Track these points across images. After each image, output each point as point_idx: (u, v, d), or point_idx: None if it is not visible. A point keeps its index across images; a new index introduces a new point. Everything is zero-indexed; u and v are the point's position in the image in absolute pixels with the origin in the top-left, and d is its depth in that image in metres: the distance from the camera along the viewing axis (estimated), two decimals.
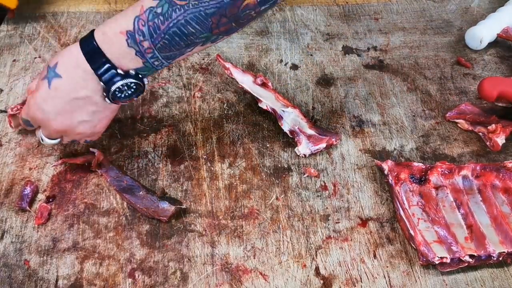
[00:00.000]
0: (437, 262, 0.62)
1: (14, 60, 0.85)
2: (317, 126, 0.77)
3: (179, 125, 0.77)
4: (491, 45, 0.92)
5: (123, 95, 0.61)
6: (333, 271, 0.63)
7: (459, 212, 0.67)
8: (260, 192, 0.70)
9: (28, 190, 0.68)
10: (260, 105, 0.78)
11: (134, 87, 0.61)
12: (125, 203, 0.68)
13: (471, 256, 0.63)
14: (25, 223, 0.66)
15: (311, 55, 0.89)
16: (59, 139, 0.66)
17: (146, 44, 0.57)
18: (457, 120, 0.80)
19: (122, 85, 0.59)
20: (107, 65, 0.58)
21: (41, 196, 0.68)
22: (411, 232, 0.64)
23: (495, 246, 0.63)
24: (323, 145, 0.74)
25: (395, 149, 0.76)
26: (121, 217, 0.67)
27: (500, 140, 0.75)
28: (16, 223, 0.66)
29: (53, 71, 0.59)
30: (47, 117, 0.62)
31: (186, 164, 0.73)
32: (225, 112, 0.79)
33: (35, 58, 0.85)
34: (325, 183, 0.72)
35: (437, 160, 0.74)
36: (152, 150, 0.74)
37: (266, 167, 0.73)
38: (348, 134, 0.78)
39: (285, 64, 0.88)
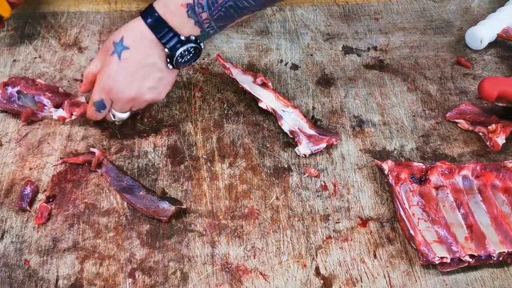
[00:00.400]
0: (437, 262, 0.62)
1: (14, 60, 0.85)
2: (317, 126, 0.77)
3: (179, 125, 0.77)
4: (491, 45, 0.92)
5: (183, 60, 0.67)
6: (333, 271, 0.63)
7: (459, 212, 0.67)
8: (260, 192, 0.70)
9: (28, 190, 0.68)
10: (260, 105, 0.78)
11: (193, 51, 0.67)
12: (125, 203, 0.68)
13: (471, 256, 0.63)
14: (25, 223, 0.66)
15: (311, 55, 0.89)
16: (129, 112, 0.71)
17: (204, 15, 0.64)
18: (457, 120, 0.80)
19: (184, 50, 0.65)
20: (170, 34, 0.64)
21: (41, 196, 0.68)
22: (411, 232, 0.64)
23: (495, 246, 0.63)
24: (323, 145, 0.74)
25: (395, 149, 0.76)
26: (121, 217, 0.67)
27: (500, 140, 0.75)
28: (16, 223, 0.66)
29: (121, 45, 0.65)
30: (122, 87, 0.66)
31: (186, 164, 0.73)
32: (225, 112, 0.79)
33: (35, 58, 0.85)
34: (325, 183, 0.72)
35: (437, 160, 0.74)
36: (152, 150, 0.74)
37: (266, 167, 0.73)
38: (348, 134, 0.78)
39: (285, 64, 0.88)
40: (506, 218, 0.66)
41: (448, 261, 0.62)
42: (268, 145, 0.76)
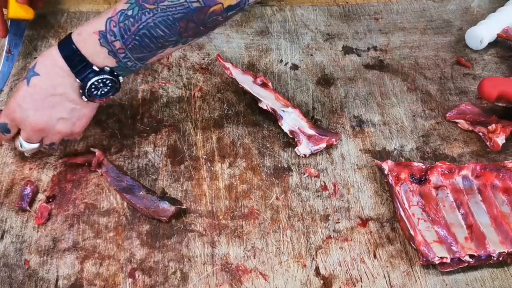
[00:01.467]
0: (437, 262, 0.62)
1: None
2: (317, 126, 0.77)
3: (179, 125, 0.77)
4: (491, 45, 0.92)
5: (99, 93, 0.63)
6: (333, 271, 0.63)
7: (459, 212, 0.67)
8: (260, 192, 0.70)
9: (28, 190, 0.68)
10: (260, 105, 0.78)
11: (110, 84, 0.63)
12: (125, 203, 0.68)
13: (471, 256, 0.63)
14: (25, 223, 0.66)
15: (311, 55, 0.89)
16: (38, 144, 0.67)
17: (117, 44, 0.60)
18: (457, 120, 0.80)
19: (97, 81, 0.62)
20: (83, 63, 0.61)
21: (41, 196, 0.68)
22: (411, 232, 0.64)
23: (495, 246, 0.63)
24: (323, 145, 0.74)
25: (395, 149, 0.76)
26: (121, 217, 0.67)
27: (500, 140, 0.75)
28: (16, 223, 0.66)
29: (32, 71, 0.62)
30: (26, 114, 0.63)
31: (186, 164, 0.73)
32: (225, 112, 0.79)
33: (35, 58, 0.85)
34: (325, 183, 0.72)
35: (437, 160, 0.74)
36: (152, 150, 0.74)
37: (266, 167, 0.73)
38: (348, 134, 0.78)
39: (285, 64, 0.88)
40: (506, 218, 0.66)
41: (448, 261, 0.62)
42: (268, 145, 0.76)
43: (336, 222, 0.68)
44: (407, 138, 0.78)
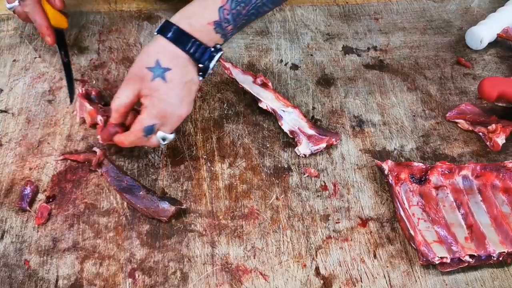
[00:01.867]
0: (437, 262, 0.62)
1: (14, 60, 0.85)
2: (317, 126, 0.77)
3: (179, 125, 0.77)
4: (491, 45, 0.92)
5: (210, 71, 0.69)
6: (333, 271, 0.63)
7: (459, 212, 0.67)
8: (260, 192, 0.70)
9: (28, 190, 0.68)
10: (260, 105, 0.78)
11: (217, 62, 0.69)
12: (125, 203, 0.68)
13: (471, 256, 0.63)
14: (25, 223, 0.66)
15: (311, 55, 0.89)
16: (173, 136, 0.69)
17: (229, 28, 0.67)
18: (457, 120, 0.80)
19: (217, 60, 0.68)
20: (202, 48, 0.66)
21: (41, 196, 0.68)
22: (411, 232, 0.64)
23: (495, 246, 0.63)
24: (323, 145, 0.74)
25: (395, 149, 0.76)
26: (121, 217, 0.67)
27: (500, 140, 0.75)
28: (16, 223, 0.66)
29: (159, 68, 0.65)
30: (175, 108, 0.66)
31: (186, 164, 0.73)
32: (225, 112, 0.79)
33: (35, 58, 0.85)
34: (325, 183, 0.72)
35: (437, 160, 0.74)
36: (152, 150, 0.74)
37: (266, 167, 0.73)
38: (348, 134, 0.78)
39: (285, 64, 0.88)
40: (506, 218, 0.66)
41: (448, 261, 0.62)
42: (268, 145, 0.76)
43: (336, 222, 0.68)
44: (407, 138, 0.78)
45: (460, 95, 0.84)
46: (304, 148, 0.74)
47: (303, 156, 0.74)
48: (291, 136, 0.76)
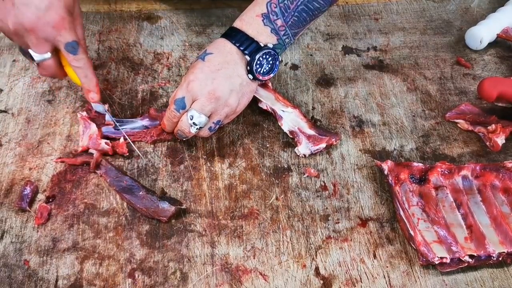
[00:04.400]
0: (437, 262, 0.62)
1: (14, 60, 0.85)
2: (317, 126, 0.77)
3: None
4: (491, 45, 0.92)
5: (262, 70, 0.71)
6: (333, 271, 0.63)
7: (459, 212, 0.67)
8: (260, 192, 0.70)
9: (28, 190, 0.68)
10: (260, 105, 0.78)
11: (271, 61, 0.71)
12: (125, 203, 0.68)
13: (471, 256, 0.63)
14: (25, 223, 0.66)
15: (311, 55, 0.89)
16: (206, 119, 0.68)
17: (279, 22, 0.70)
18: (457, 120, 0.80)
19: (262, 56, 0.69)
20: (249, 41, 0.69)
21: (41, 196, 0.68)
22: (411, 232, 0.64)
23: (495, 246, 0.63)
24: (323, 145, 0.74)
25: (395, 149, 0.76)
26: (121, 217, 0.67)
27: (500, 140, 0.75)
28: (16, 223, 0.66)
29: (205, 53, 0.70)
30: (204, 83, 0.67)
31: (186, 164, 0.73)
32: None
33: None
34: (325, 183, 0.72)
35: (437, 160, 0.74)
36: (152, 150, 0.74)
37: (266, 167, 0.73)
38: (348, 134, 0.78)
39: (285, 64, 0.88)
40: (505, 218, 0.66)
41: (448, 261, 0.62)
42: (268, 145, 0.76)
43: (336, 222, 0.68)
44: (407, 138, 0.78)
45: (460, 95, 0.84)
46: (304, 148, 0.74)
47: (303, 156, 0.74)
48: (291, 136, 0.76)
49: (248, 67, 0.69)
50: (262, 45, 0.69)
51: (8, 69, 0.84)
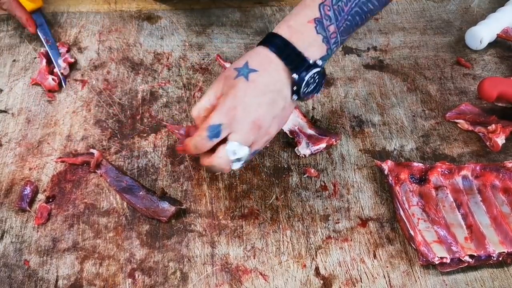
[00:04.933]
0: (437, 262, 0.62)
1: (14, 60, 0.85)
2: (317, 126, 0.77)
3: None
4: (491, 45, 0.92)
5: (309, 90, 0.61)
6: (333, 271, 0.63)
7: (459, 212, 0.67)
8: (260, 192, 0.70)
9: (28, 190, 0.68)
10: None
11: (318, 79, 0.61)
12: (125, 203, 0.68)
13: (471, 256, 0.63)
14: (25, 223, 0.66)
15: None
16: (248, 150, 0.59)
17: (332, 28, 0.60)
18: (457, 120, 0.80)
19: (311, 76, 0.59)
20: (298, 58, 0.59)
21: (41, 196, 0.68)
22: (411, 232, 0.64)
23: (495, 246, 0.63)
24: (323, 145, 0.74)
25: (395, 149, 0.76)
26: (121, 217, 0.67)
27: (500, 140, 0.75)
28: (16, 223, 0.66)
29: (246, 68, 0.58)
30: (248, 110, 0.57)
31: (186, 164, 0.73)
32: None
33: (35, 58, 0.85)
34: (325, 183, 0.72)
35: (437, 160, 0.74)
36: (152, 150, 0.74)
37: (266, 167, 0.73)
38: (348, 134, 0.78)
39: None
40: (505, 218, 0.66)
41: (448, 261, 0.62)
42: (268, 145, 0.75)
43: (336, 222, 0.68)
44: (407, 138, 0.78)
45: (460, 95, 0.84)
46: (304, 148, 0.74)
47: (303, 156, 0.74)
48: (291, 136, 0.76)
49: (295, 87, 0.59)
50: (312, 63, 0.59)
51: (8, 69, 0.84)
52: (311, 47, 0.59)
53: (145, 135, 0.76)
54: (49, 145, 0.74)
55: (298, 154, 0.74)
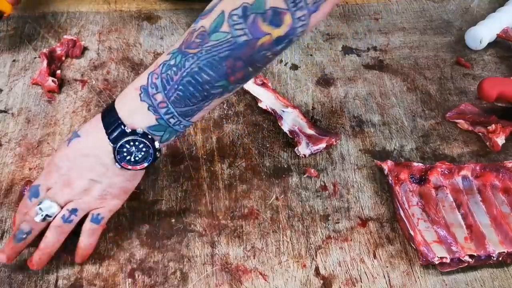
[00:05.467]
0: (437, 262, 0.62)
1: (14, 60, 0.85)
2: (317, 126, 0.77)
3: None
4: (491, 45, 0.92)
5: (132, 159, 0.59)
6: (333, 271, 0.63)
7: (459, 212, 0.67)
8: (260, 192, 0.70)
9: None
10: (260, 105, 0.78)
11: (144, 149, 0.58)
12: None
13: (471, 256, 0.63)
14: None
15: (311, 55, 0.90)
16: (57, 208, 0.59)
17: (159, 97, 0.56)
18: (457, 120, 0.80)
19: (128, 143, 0.57)
20: (116, 123, 0.57)
21: None
22: (411, 232, 0.64)
23: (495, 246, 0.63)
24: (323, 145, 0.74)
25: (395, 149, 0.76)
26: (121, 217, 0.67)
27: (500, 140, 0.75)
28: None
29: (76, 133, 0.60)
30: (60, 171, 0.59)
31: (186, 164, 0.73)
32: (225, 112, 0.79)
33: (35, 58, 0.85)
34: (325, 183, 0.72)
35: (437, 160, 0.74)
36: None
37: (266, 167, 0.73)
38: (348, 134, 0.78)
39: (285, 64, 0.88)
40: (505, 218, 0.66)
41: (448, 261, 0.62)
42: (268, 145, 0.76)
43: (336, 222, 0.68)
44: (407, 138, 0.78)
45: (460, 95, 0.84)
46: (303, 148, 0.74)
47: (303, 156, 0.74)
48: (291, 136, 0.76)
49: (114, 155, 0.58)
50: (130, 131, 0.57)
51: (8, 69, 0.84)
52: (134, 114, 0.57)
53: None
54: (49, 145, 0.74)
55: (298, 154, 0.74)
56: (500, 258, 0.63)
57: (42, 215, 0.59)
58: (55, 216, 0.59)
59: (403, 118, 0.80)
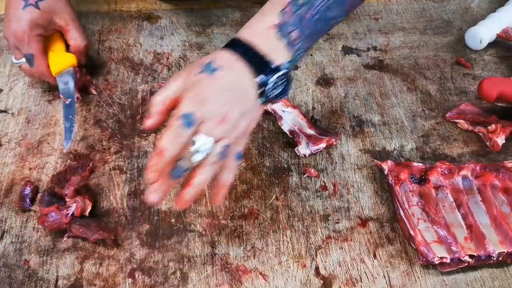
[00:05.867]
0: (437, 262, 0.62)
1: None
2: (317, 126, 0.77)
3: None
4: (491, 45, 0.92)
5: (275, 93, 0.60)
6: (333, 271, 0.63)
7: (459, 212, 0.67)
8: (260, 192, 0.70)
9: (28, 190, 0.68)
10: None
11: (285, 83, 0.60)
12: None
13: (471, 256, 0.63)
14: (25, 223, 0.66)
15: (311, 55, 0.89)
16: (212, 144, 0.56)
17: (294, 34, 0.60)
18: (457, 120, 0.80)
19: (274, 78, 0.59)
20: (262, 61, 0.58)
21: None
22: (411, 232, 0.64)
23: (494, 246, 0.63)
24: (323, 145, 0.74)
25: (395, 149, 0.76)
26: (121, 217, 0.67)
27: (500, 140, 0.75)
28: (16, 223, 0.66)
29: (211, 66, 0.57)
30: (216, 104, 0.56)
31: None
32: None
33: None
34: (325, 183, 0.72)
35: (437, 160, 0.74)
36: (152, 150, 0.74)
37: (266, 167, 0.73)
38: (348, 134, 0.78)
39: None
40: (505, 218, 0.66)
41: (448, 261, 0.62)
42: (268, 145, 0.76)
43: (336, 222, 0.68)
44: (407, 138, 0.78)
45: (460, 95, 0.84)
46: (303, 148, 0.74)
47: (303, 156, 0.74)
48: (291, 136, 0.76)
49: (260, 90, 0.59)
50: (277, 67, 0.59)
51: (8, 69, 0.84)
52: (275, 51, 0.59)
53: (145, 135, 0.76)
54: (49, 145, 0.74)
55: (298, 154, 0.74)
56: (500, 258, 0.63)
57: (201, 154, 0.55)
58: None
59: (403, 118, 0.80)
